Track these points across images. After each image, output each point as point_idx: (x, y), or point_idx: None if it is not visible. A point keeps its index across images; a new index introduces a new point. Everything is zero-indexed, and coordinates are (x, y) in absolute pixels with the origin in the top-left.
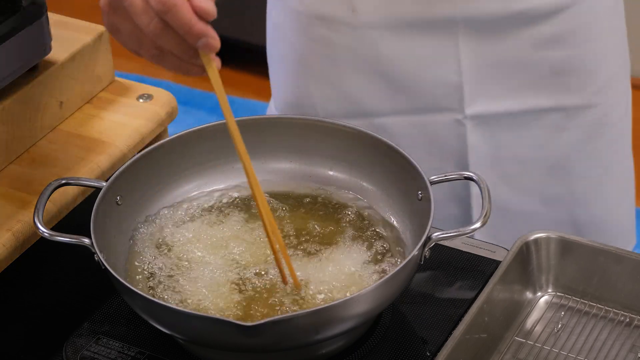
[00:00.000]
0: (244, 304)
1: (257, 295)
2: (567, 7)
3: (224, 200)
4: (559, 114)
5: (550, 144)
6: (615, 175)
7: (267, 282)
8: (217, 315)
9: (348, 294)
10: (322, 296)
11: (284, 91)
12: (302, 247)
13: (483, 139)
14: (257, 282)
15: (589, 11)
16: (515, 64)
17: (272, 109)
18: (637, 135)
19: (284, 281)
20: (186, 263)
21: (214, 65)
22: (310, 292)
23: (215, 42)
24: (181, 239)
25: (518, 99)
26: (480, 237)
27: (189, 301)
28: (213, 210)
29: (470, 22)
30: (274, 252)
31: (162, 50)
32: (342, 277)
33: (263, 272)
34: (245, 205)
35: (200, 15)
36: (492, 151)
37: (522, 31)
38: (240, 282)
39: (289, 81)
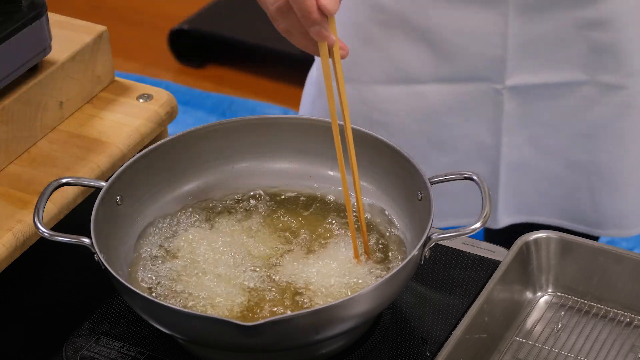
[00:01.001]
0: (245, 303)
1: (258, 295)
2: None
3: (224, 200)
4: (593, 88)
5: (580, 114)
6: (636, 157)
7: (268, 281)
8: (217, 315)
9: (347, 294)
10: (321, 296)
11: None
12: (301, 247)
13: (518, 107)
14: (257, 281)
15: None
16: (556, 41)
17: (314, 72)
18: None
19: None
20: (186, 263)
21: (325, 52)
22: (310, 292)
23: (327, 33)
24: (181, 239)
25: (556, 72)
26: (503, 196)
27: (189, 301)
28: (213, 210)
29: (522, 0)
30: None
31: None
32: (342, 277)
33: (264, 272)
34: (246, 205)
35: (320, 8)
36: (525, 116)
37: (569, 11)
38: (241, 281)
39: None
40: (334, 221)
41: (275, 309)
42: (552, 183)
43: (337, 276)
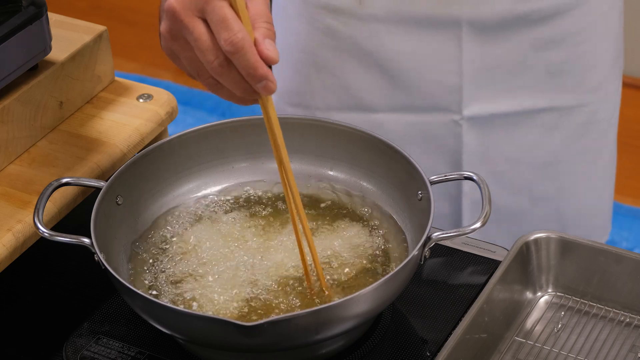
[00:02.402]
0: (245, 303)
1: (258, 295)
2: (569, 9)
3: (224, 200)
4: (551, 114)
5: (541, 143)
6: (600, 170)
7: (269, 281)
8: (217, 315)
9: (347, 295)
10: (322, 295)
11: (284, 79)
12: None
13: (477, 139)
14: (258, 281)
15: (589, 13)
16: (513, 65)
17: (272, 96)
18: (633, 135)
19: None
20: (186, 262)
21: (271, 106)
22: (309, 292)
23: (274, 85)
24: (181, 239)
25: (514, 99)
26: (470, 236)
27: (189, 300)
28: (213, 210)
29: (475, 23)
30: (303, 258)
31: (219, 82)
32: (341, 277)
33: (264, 271)
34: (246, 205)
35: (265, 60)
36: (485, 150)
37: (523, 33)
38: (241, 281)
39: (291, 69)
40: (334, 220)
41: (275, 308)
42: (518, 220)
43: (336, 276)
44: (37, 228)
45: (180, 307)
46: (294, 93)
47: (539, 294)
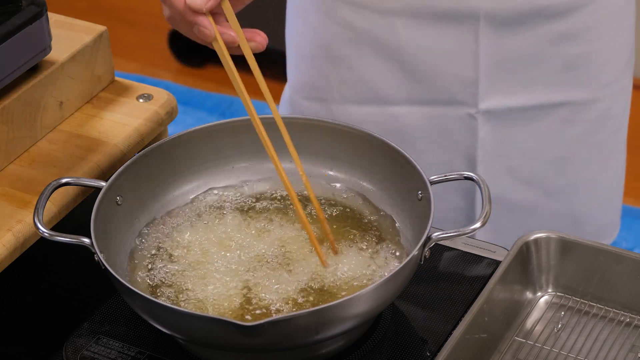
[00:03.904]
0: (245, 303)
1: (258, 295)
2: (584, 4)
3: (224, 200)
4: (567, 108)
5: (556, 138)
6: (612, 167)
7: (269, 281)
8: (217, 315)
9: (346, 294)
10: (322, 295)
11: (300, 72)
12: (302, 246)
13: (493, 133)
14: (257, 281)
15: (603, 9)
16: (529, 59)
17: (287, 91)
18: (636, 135)
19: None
20: (186, 262)
21: (219, 47)
22: (312, 291)
23: (207, 31)
24: (181, 239)
25: (530, 93)
26: (481, 230)
27: (189, 300)
28: (213, 210)
29: (492, 17)
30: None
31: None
32: (341, 277)
33: (264, 271)
34: (245, 205)
35: (189, 6)
36: (500, 144)
37: (540, 27)
38: (241, 281)
39: (307, 62)
40: (333, 221)
41: (275, 308)
42: (531, 214)
43: (336, 276)
44: (37, 228)
45: (180, 307)
46: (310, 87)
47: (539, 294)
